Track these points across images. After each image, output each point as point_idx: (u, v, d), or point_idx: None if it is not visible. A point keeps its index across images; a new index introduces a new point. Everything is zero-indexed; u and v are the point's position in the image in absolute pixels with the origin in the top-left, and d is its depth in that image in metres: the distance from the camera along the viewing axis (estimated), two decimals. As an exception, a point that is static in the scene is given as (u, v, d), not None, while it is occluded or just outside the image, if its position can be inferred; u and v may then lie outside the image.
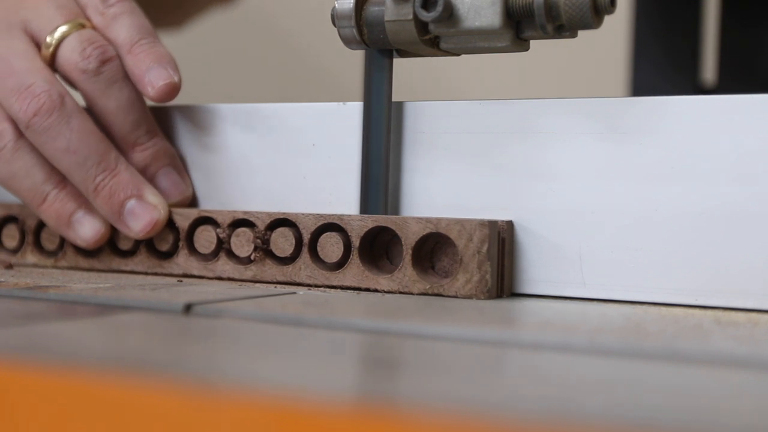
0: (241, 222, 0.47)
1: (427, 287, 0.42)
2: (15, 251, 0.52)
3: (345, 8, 0.44)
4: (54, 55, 0.49)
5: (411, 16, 0.43)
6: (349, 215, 0.44)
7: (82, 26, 0.49)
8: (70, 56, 0.48)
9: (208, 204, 0.51)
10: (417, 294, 0.42)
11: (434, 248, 0.43)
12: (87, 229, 0.49)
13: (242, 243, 0.46)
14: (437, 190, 0.46)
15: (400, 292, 0.43)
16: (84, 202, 0.49)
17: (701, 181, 0.41)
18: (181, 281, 0.47)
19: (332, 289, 0.44)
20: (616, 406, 0.24)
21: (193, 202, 0.51)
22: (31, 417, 0.25)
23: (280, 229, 0.45)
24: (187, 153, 0.51)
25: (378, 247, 0.45)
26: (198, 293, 0.41)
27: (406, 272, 0.43)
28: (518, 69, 1.06)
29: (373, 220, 0.44)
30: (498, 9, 0.41)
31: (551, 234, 0.43)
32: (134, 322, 0.35)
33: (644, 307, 0.41)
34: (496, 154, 0.45)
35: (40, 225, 0.51)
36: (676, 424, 0.22)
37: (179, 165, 0.50)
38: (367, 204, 0.46)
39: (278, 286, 0.45)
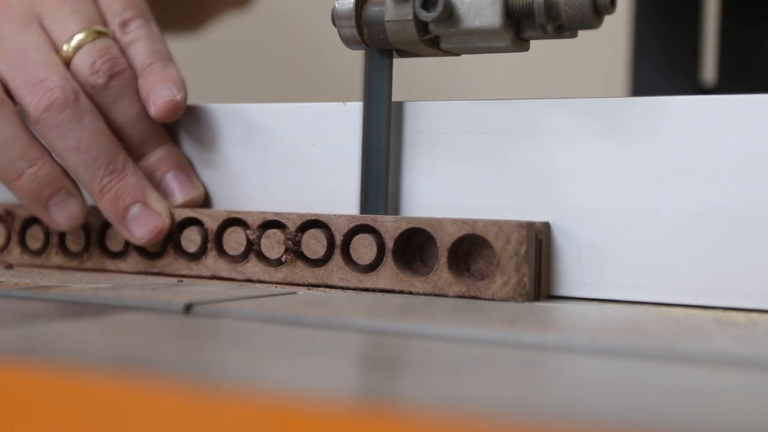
0: (271, 223, 0.46)
1: (464, 290, 0.42)
2: (39, 253, 0.51)
3: (345, 8, 0.44)
4: (68, 62, 0.49)
5: (411, 16, 0.43)
6: (383, 216, 0.43)
7: (99, 33, 0.49)
8: (81, 69, 0.48)
9: (205, 203, 0.51)
10: (453, 297, 0.42)
11: (469, 250, 0.43)
12: (64, 214, 0.49)
13: (272, 245, 0.46)
14: (437, 190, 0.46)
15: (435, 295, 0.42)
16: (63, 185, 0.49)
17: (701, 181, 0.41)
18: (182, 281, 0.47)
19: (365, 292, 0.43)
20: (616, 406, 0.24)
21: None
22: (31, 417, 0.25)
23: (312, 231, 0.45)
24: (186, 153, 0.51)
25: (411, 249, 0.44)
26: (198, 293, 0.41)
27: (441, 274, 0.42)
28: (518, 69, 1.06)
29: (407, 222, 0.43)
30: (498, 9, 0.41)
31: (552, 234, 0.43)
32: (134, 322, 0.35)
33: (644, 307, 0.41)
34: (496, 154, 0.45)
35: None
36: (676, 424, 0.22)
37: (188, 168, 0.50)
38: (367, 204, 0.46)
39: (309, 288, 0.44)
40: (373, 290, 0.43)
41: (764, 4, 0.75)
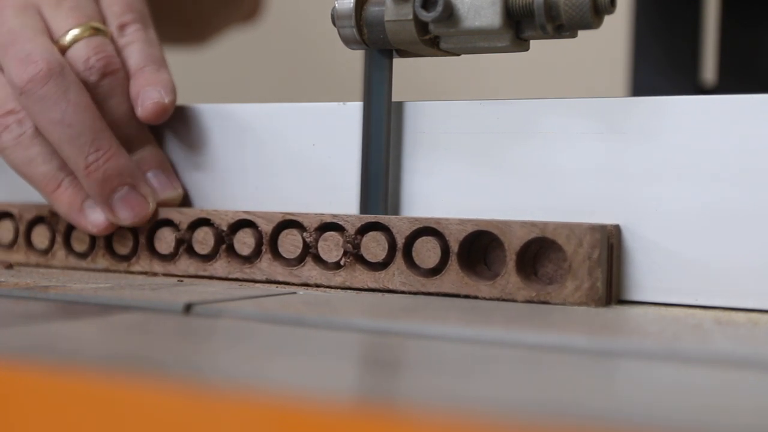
0: (329, 225, 0.45)
1: (533, 295, 0.40)
2: (85, 255, 0.51)
3: (345, 8, 0.44)
4: (63, 53, 0.49)
5: (411, 16, 0.43)
6: (447, 219, 0.42)
7: (95, 30, 0.49)
8: (75, 62, 0.49)
9: (206, 203, 0.51)
10: (521, 302, 0.41)
11: (537, 253, 0.41)
12: (99, 215, 0.49)
13: (330, 247, 0.44)
14: (437, 190, 0.46)
15: (503, 300, 0.41)
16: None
17: (701, 180, 0.41)
18: (182, 281, 0.47)
19: (428, 296, 0.42)
20: (616, 406, 0.24)
21: (185, 200, 0.51)
22: (31, 417, 0.25)
23: (372, 233, 0.43)
24: (186, 153, 0.51)
25: (475, 252, 0.43)
26: (198, 293, 0.41)
27: (509, 279, 0.41)
28: (518, 69, 1.06)
29: (473, 224, 0.41)
30: (498, 9, 0.41)
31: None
32: (134, 322, 0.35)
33: (644, 307, 0.41)
34: (496, 154, 0.45)
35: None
36: (677, 424, 0.22)
37: (169, 169, 0.50)
38: (367, 204, 0.46)
39: (369, 292, 0.43)
40: (437, 294, 0.42)
41: (764, 4, 0.75)
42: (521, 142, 0.44)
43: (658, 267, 0.41)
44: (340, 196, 0.47)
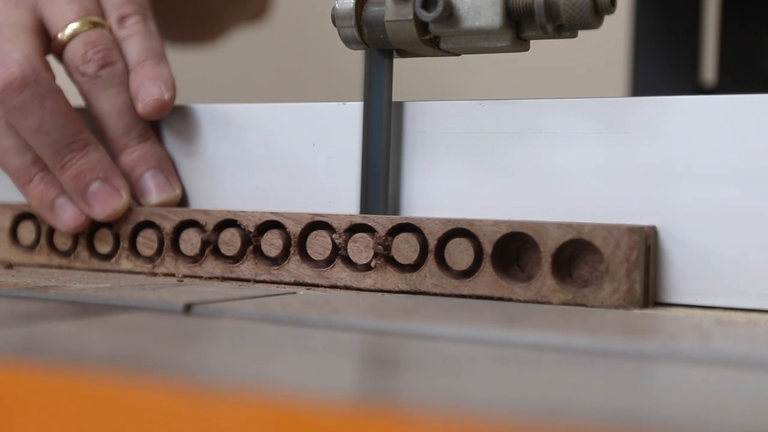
0: (359, 227, 0.44)
1: (569, 297, 0.40)
2: (108, 257, 0.50)
3: (345, 8, 0.44)
4: (62, 51, 0.49)
5: (411, 16, 0.43)
6: (480, 220, 0.41)
7: (94, 24, 0.49)
8: (72, 57, 0.49)
9: (205, 203, 0.51)
10: (557, 304, 0.40)
11: (572, 255, 0.41)
12: (68, 216, 0.49)
13: (360, 249, 0.44)
14: (437, 190, 0.46)
15: (538, 302, 0.40)
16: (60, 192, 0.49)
17: (701, 180, 0.41)
18: (182, 281, 0.47)
19: (461, 298, 0.42)
20: (616, 406, 0.24)
21: (185, 200, 0.51)
22: (31, 417, 0.25)
23: (403, 235, 0.43)
24: (186, 153, 0.51)
25: (508, 254, 0.42)
26: (198, 293, 0.41)
27: (544, 281, 0.40)
28: (518, 69, 1.06)
29: (507, 226, 0.41)
30: (498, 9, 0.41)
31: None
32: (134, 322, 0.35)
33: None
34: (496, 154, 0.45)
35: (136, 230, 0.49)
36: (677, 424, 0.22)
37: (168, 168, 0.50)
38: (367, 204, 0.46)
39: (401, 294, 0.43)
40: (470, 297, 0.42)
41: (764, 4, 0.75)
42: (521, 142, 0.44)
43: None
44: (340, 196, 0.47)
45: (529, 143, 0.44)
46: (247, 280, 0.46)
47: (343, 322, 0.36)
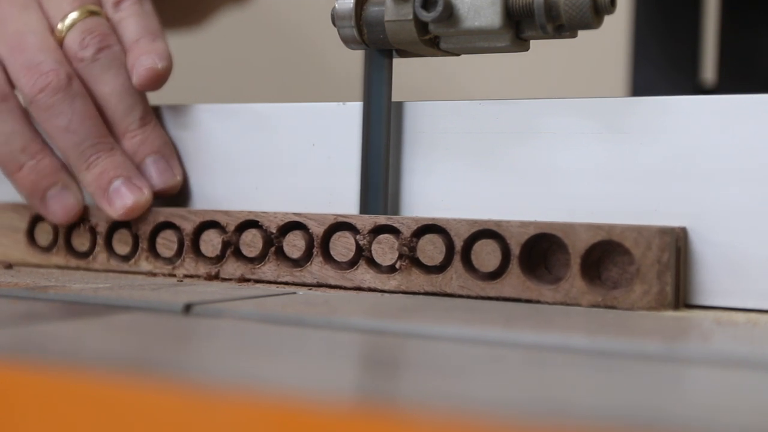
0: (383, 228, 0.43)
1: (599, 299, 0.39)
2: (127, 258, 0.49)
3: (345, 8, 0.44)
4: (62, 40, 0.50)
5: (411, 16, 0.43)
6: (508, 221, 0.41)
7: (91, 12, 0.50)
8: (71, 46, 0.50)
9: (206, 203, 0.50)
10: (586, 306, 0.39)
11: (600, 256, 0.40)
12: (59, 206, 0.49)
13: (385, 251, 0.43)
14: (437, 190, 0.46)
15: (566, 304, 0.40)
16: (60, 178, 0.50)
17: (701, 180, 0.41)
18: (182, 281, 0.47)
19: (488, 300, 0.41)
20: (616, 406, 0.24)
21: (186, 200, 0.51)
22: (31, 417, 0.25)
23: (428, 236, 0.42)
24: (186, 153, 0.51)
25: (535, 256, 0.41)
26: (198, 293, 0.41)
27: (573, 283, 0.39)
28: (518, 69, 1.06)
29: (535, 227, 0.40)
30: (498, 9, 0.41)
31: (551, 234, 0.43)
32: (134, 322, 0.35)
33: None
34: (496, 154, 0.45)
35: (155, 230, 0.48)
36: (676, 424, 0.22)
37: (170, 153, 0.50)
38: (367, 204, 0.46)
39: (427, 296, 0.42)
40: (497, 299, 0.41)
41: (764, 4, 0.75)
42: (521, 142, 0.44)
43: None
44: (340, 196, 0.47)
45: (529, 143, 0.44)
46: (269, 282, 0.46)
47: (343, 322, 0.36)
